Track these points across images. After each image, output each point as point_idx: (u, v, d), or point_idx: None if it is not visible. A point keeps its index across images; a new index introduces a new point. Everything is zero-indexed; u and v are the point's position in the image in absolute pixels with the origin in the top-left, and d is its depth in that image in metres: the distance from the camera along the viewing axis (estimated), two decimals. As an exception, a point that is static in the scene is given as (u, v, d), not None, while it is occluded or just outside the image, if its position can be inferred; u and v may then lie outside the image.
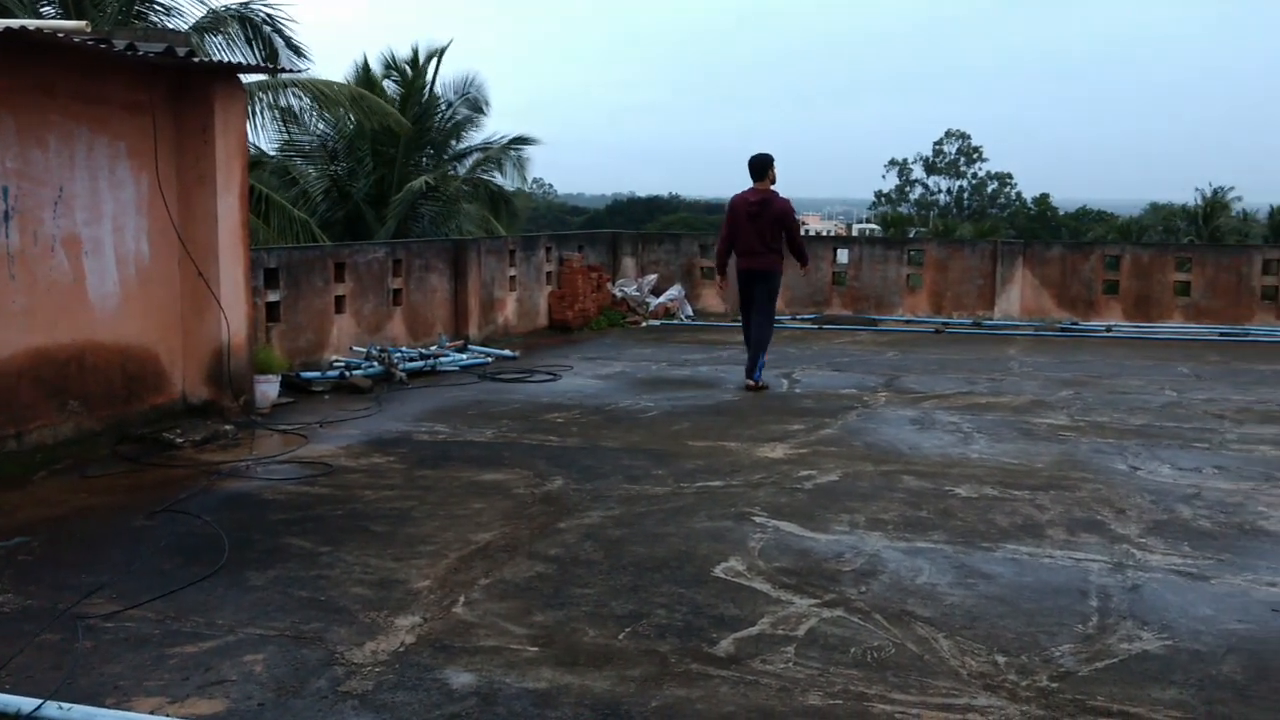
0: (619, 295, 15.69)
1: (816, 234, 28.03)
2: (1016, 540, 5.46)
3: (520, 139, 24.02)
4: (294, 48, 17.43)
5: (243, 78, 8.43)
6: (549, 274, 14.59)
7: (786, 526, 5.65)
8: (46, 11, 15.44)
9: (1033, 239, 26.49)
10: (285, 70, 11.29)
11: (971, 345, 13.29)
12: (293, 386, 9.30)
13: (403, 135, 21.02)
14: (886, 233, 49.14)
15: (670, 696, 3.72)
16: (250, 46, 16.90)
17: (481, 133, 24.33)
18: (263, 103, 17.57)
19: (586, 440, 7.71)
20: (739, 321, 14.08)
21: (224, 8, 16.97)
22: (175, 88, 7.92)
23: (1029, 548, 5.35)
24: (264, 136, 18.72)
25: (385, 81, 22.97)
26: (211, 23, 16.71)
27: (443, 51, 23.02)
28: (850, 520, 5.77)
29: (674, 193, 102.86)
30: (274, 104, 17.86)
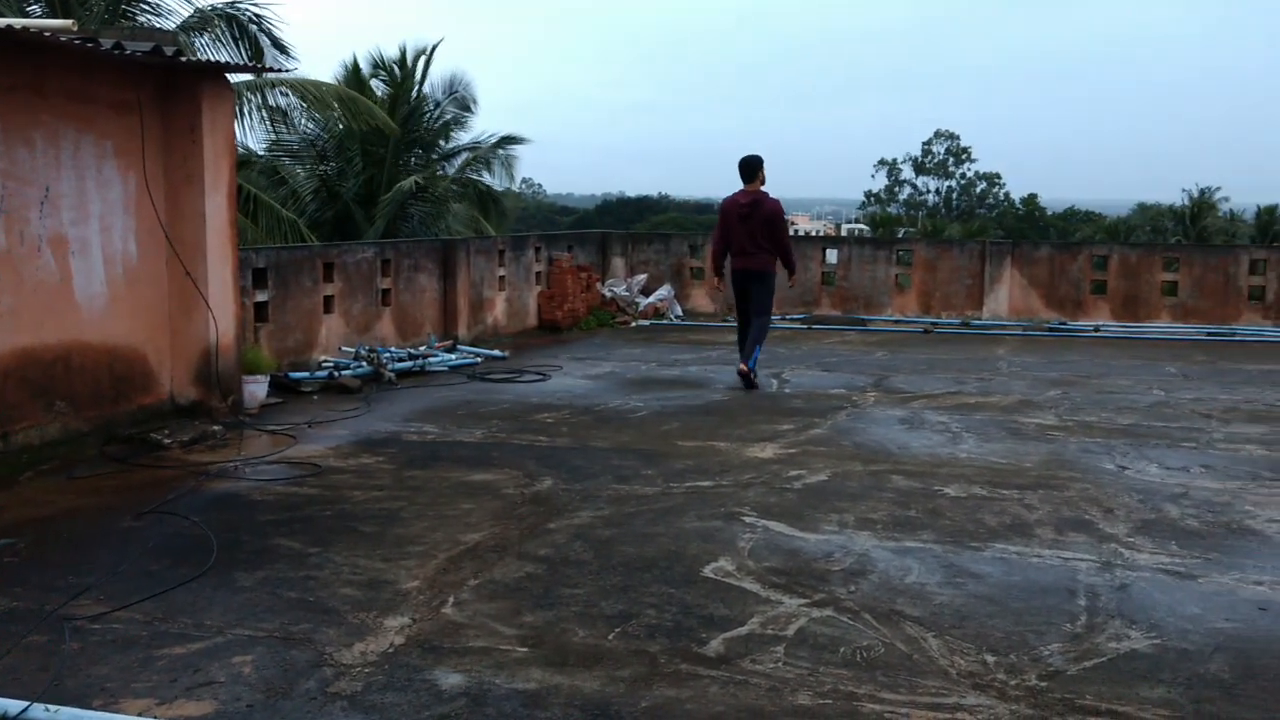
0: (608, 295, 15.69)
1: (806, 234, 28.03)
2: (1005, 540, 5.48)
3: (509, 138, 24.03)
4: (280, 47, 17.41)
5: (231, 77, 8.40)
6: (538, 274, 14.58)
7: (776, 526, 5.66)
8: (33, 10, 15.37)
9: (1021, 239, 26.53)
10: (273, 70, 11.26)
11: (960, 345, 13.32)
12: (281, 387, 9.27)
13: (392, 136, 21.00)
14: (875, 233, 49.21)
15: (660, 697, 3.72)
16: (237, 46, 16.86)
17: (469, 132, 24.36)
18: (251, 103, 17.53)
19: (576, 440, 7.71)
20: (729, 322, 14.18)
21: (211, 7, 16.94)
22: (163, 87, 7.89)
23: (1017, 547, 5.37)
24: (252, 136, 18.70)
25: (374, 81, 22.95)
26: (198, 22, 16.66)
27: (432, 50, 23.02)
28: (839, 520, 5.78)
29: (663, 193, 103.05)
30: (263, 104, 17.81)
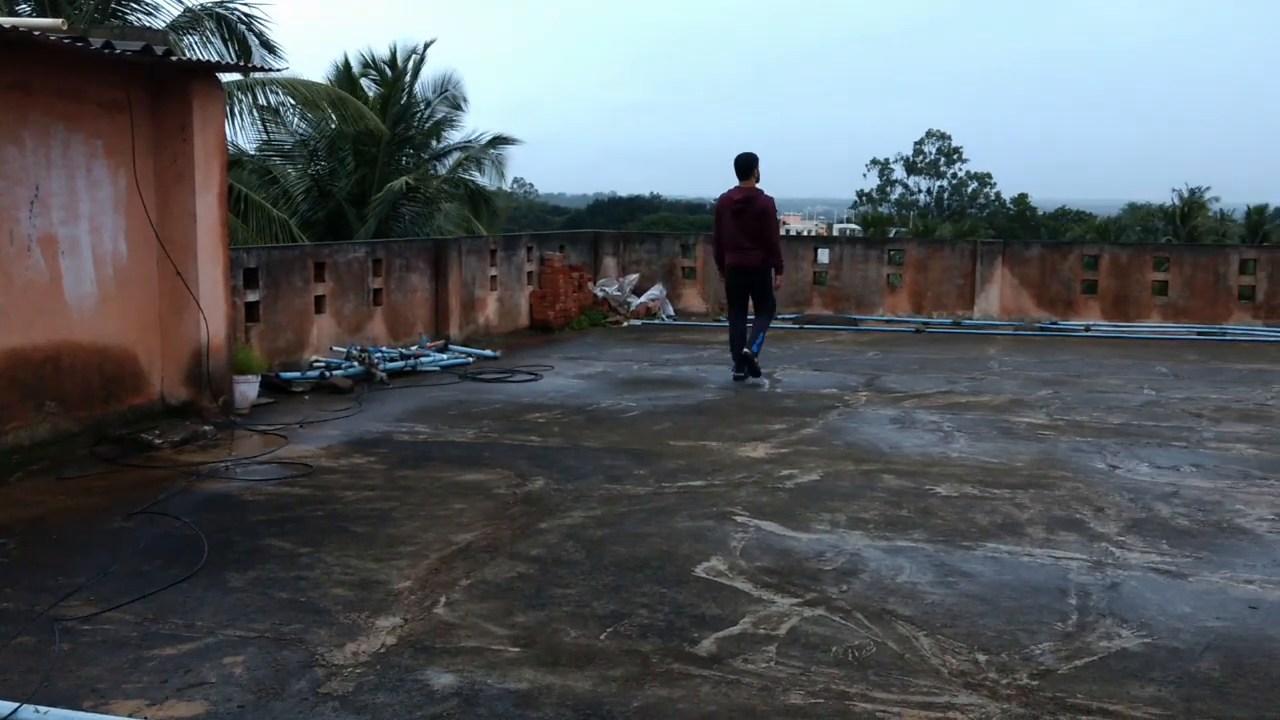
0: (600, 295, 15.68)
1: (798, 234, 28.06)
2: (996, 539, 5.49)
3: (500, 138, 24.03)
4: (269, 46, 17.39)
5: (222, 77, 8.38)
6: (530, 274, 14.56)
7: (768, 526, 5.66)
8: (22, 9, 15.31)
9: (1012, 239, 26.62)
10: (262, 69, 11.20)
11: (951, 345, 13.34)
12: (272, 387, 9.26)
13: (382, 139, 20.99)
14: (867, 232, 49.25)
15: (652, 696, 3.72)
16: (226, 45, 16.82)
17: (460, 131, 24.34)
18: (242, 103, 17.49)
19: (568, 440, 7.71)
20: (720, 321, 14.17)
21: (200, 6, 16.89)
22: (153, 86, 7.87)
23: (1009, 546, 5.38)
24: (244, 136, 18.67)
25: (364, 80, 22.92)
26: (188, 21, 16.62)
27: (424, 50, 23.02)
28: (831, 519, 5.79)
29: (655, 192, 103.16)
30: (254, 103, 17.78)
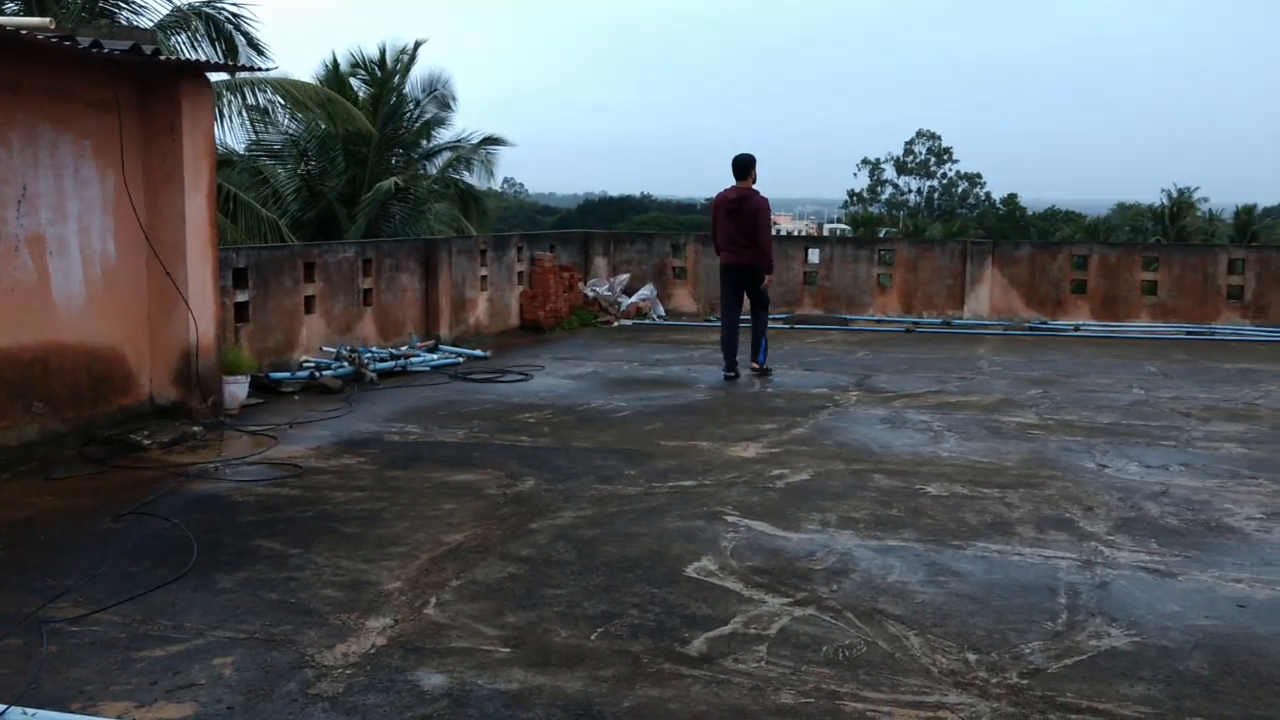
0: (591, 295, 15.67)
1: (788, 233, 28.07)
2: (986, 538, 5.50)
3: (490, 139, 23.99)
4: (256, 46, 17.36)
5: (211, 76, 8.35)
6: (521, 274, 14.55)
7: (758, 526, 5.66)
8: (10, 8, 15.25)
9: (1001, 239, 26.67)
10: (251, 69, 11.20)
11: (941, 344, 13.37)
12: (262, 387, 9.23)
13: (372, 139, 20.95)
14: (857, 232, 49.29)
15: (643, 696, 3.71)
16: (214, 45, 16.78)
17: (450, 131, 24.30)
18: (232, 103, 17.45)
19: (558, 440, 7.70)
20: (711, 321, 14.18)
21: (189, 5, 16.84)
22: (142, 85, 7.84)
23: (999, 545, 5.39)
24: (233, 136, 18.61)
25: (354, 80, 22.87)
26: (176, 20, 16.57)
27: (415, 49, 22.96)
28: (822, 519, 5.79)
29: (646, 192, 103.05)
30: (243, 104, 17.73)
